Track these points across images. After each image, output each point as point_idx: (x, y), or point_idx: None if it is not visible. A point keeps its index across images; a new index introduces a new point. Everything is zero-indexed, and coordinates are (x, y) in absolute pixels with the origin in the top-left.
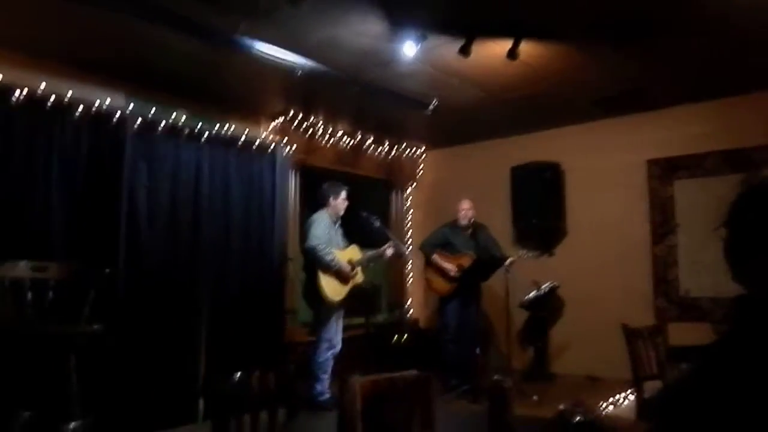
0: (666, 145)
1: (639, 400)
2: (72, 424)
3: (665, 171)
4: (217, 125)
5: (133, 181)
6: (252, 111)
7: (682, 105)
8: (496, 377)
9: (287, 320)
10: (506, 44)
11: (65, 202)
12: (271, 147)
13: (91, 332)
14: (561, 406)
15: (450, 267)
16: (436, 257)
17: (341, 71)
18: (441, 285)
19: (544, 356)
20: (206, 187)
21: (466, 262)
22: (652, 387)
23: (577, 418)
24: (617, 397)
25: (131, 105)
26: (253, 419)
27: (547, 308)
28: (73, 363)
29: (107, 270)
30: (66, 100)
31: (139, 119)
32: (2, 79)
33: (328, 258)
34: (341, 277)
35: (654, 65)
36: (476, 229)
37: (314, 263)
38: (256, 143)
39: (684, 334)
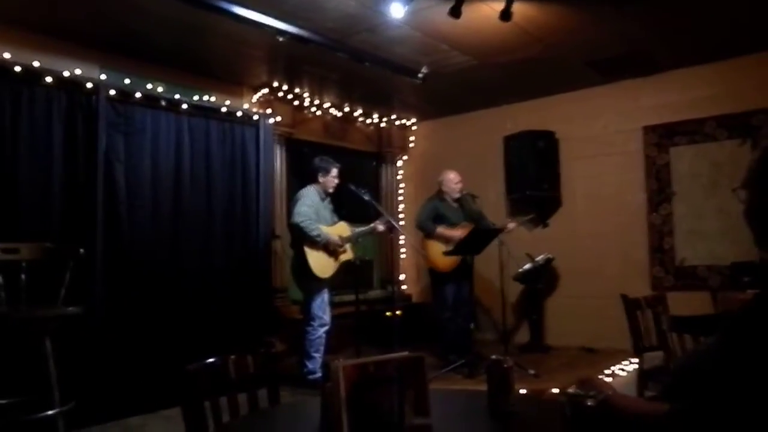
0: (663, 110)
1: (640, 371)
2: (51, 411)
3: (662, 137)
4: (196, 97)
5: (110, 155)
6: (234, 82)
7: (682, 68)
8: (494, 356)
9: (278, 299)
10: (498, 5)
11: (37, 177)
12: (255, 118)
13: (67, 315)
14: (570, 390)
15: (458, 235)
16: (441, 230)
17: (325, 36)
18: (442, 260)
19: (540, 329)
20: (187, 161)
21: (465, 233)
22: (652, 358)
23: (590, 402)
24: (614, 368)
25: (105, 76)
26: (231, 402)
27: (542, 280)
28: (49, 347)
29: (82, 250)
30: (35, 69)
31: (114, 90)
32: None
33: (314, 233)
34: (329, 251)
35: (656, 25)
36: (462, 200)
37: (301, 239)
38: (239, 114)
39: (681, 303)
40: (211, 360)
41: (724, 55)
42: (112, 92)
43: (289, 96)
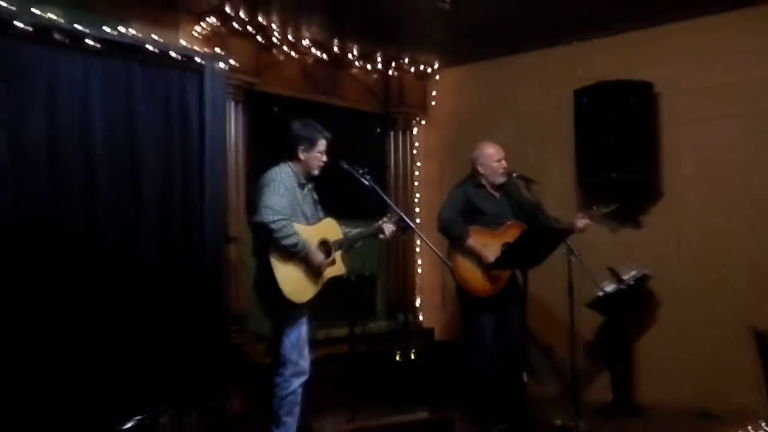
0: None
1: None
2: None
3: None
4: (109, 29)
5: None
6: (167, 5)
7: None
8: (558, 422)
9: (235, 332)
10: None
11: None
12: (199, 61)
13: None
14: None
15: (496, 247)
16: (472, 242)
17: None
18: (479, 281)
19: (629, 380)
20: (99, 123)
21: (513, 236)
22: None
23: None
24: None
25: None
26: None
27: (632, 308)
28: None
29: None
30: None
31: None
32: None
33: (290, 241)
34: (310, 268)
35: None
36: (509, 186)
37: (267, 246)
38: (174, 55)
39: None
40: (133, 420)
41: None
42: None
43: (251, 28)
